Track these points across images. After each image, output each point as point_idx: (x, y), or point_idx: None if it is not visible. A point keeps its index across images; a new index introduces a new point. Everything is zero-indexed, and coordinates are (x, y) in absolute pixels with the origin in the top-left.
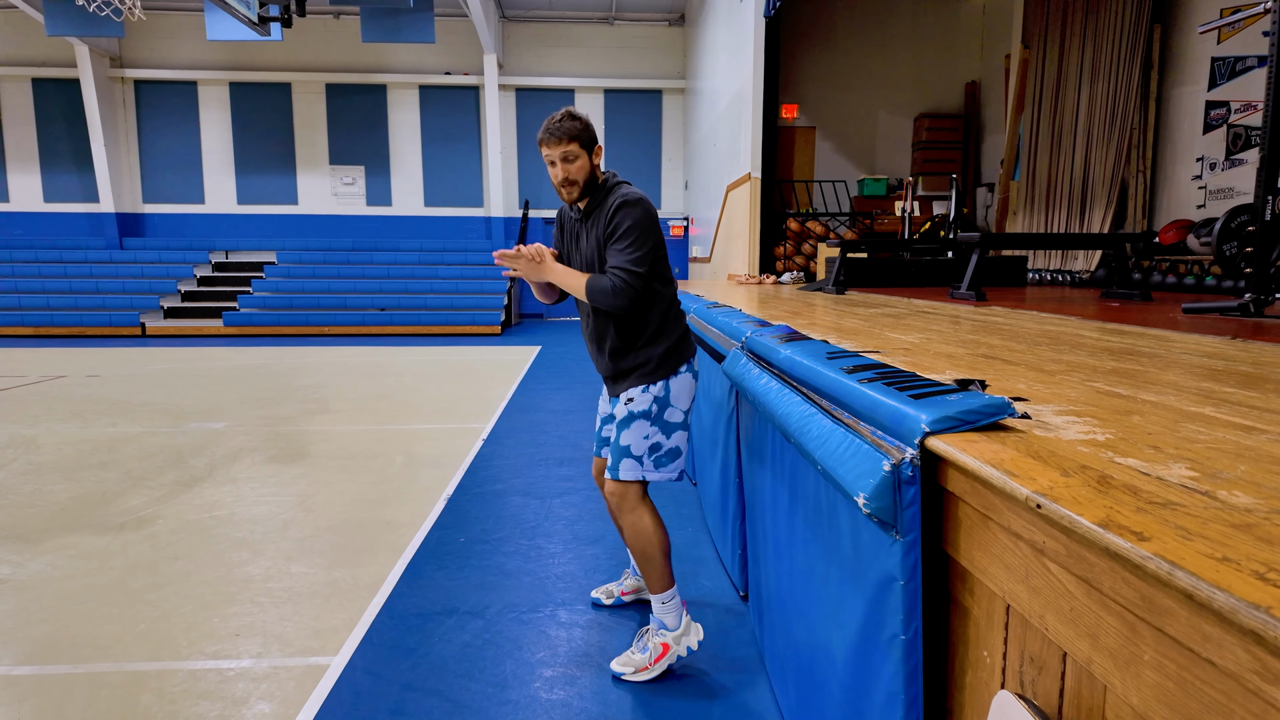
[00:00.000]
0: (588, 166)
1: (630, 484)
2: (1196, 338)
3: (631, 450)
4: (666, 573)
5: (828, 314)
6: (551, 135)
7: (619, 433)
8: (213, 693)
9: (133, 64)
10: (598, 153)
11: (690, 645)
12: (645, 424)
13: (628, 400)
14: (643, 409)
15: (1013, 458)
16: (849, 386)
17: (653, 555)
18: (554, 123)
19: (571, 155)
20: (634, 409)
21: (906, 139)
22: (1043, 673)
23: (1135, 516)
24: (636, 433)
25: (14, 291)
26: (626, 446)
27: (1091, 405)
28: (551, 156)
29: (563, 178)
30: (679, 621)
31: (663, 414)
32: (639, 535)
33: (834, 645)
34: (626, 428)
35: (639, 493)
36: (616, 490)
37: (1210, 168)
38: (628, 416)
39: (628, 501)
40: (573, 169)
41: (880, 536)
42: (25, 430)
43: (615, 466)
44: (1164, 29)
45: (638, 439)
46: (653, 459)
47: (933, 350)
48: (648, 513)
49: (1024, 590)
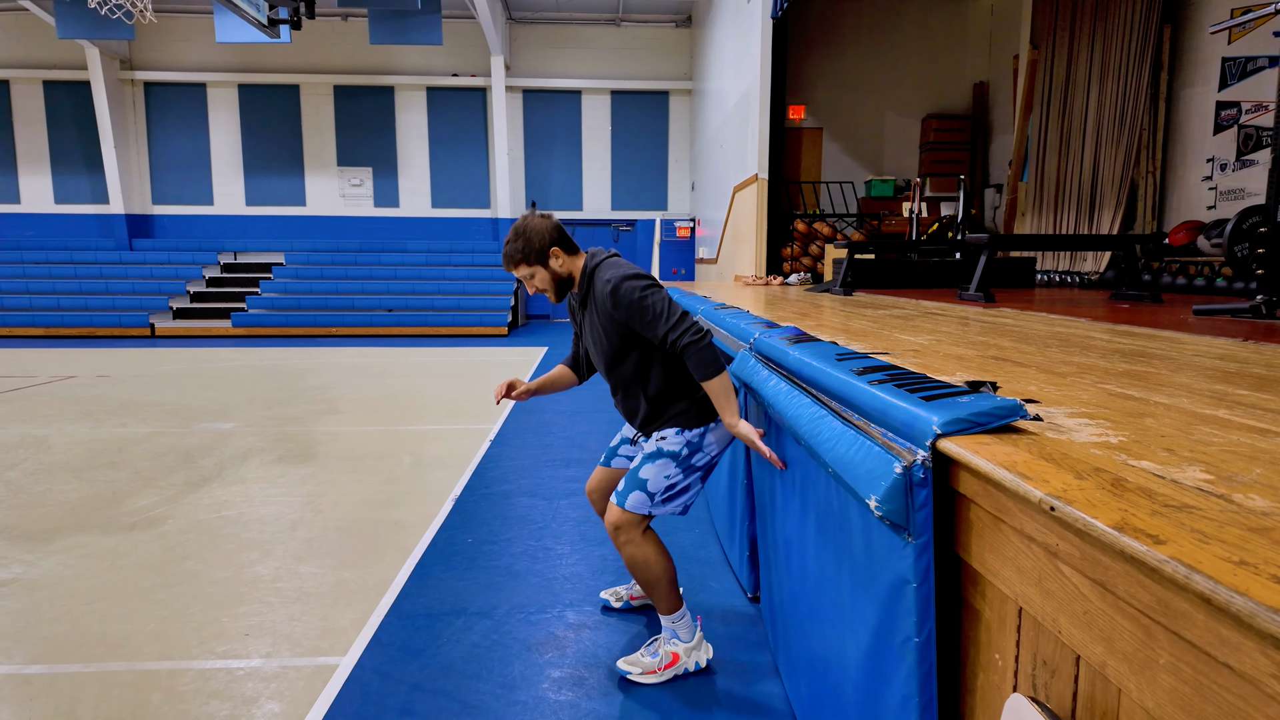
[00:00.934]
0: (548, 275)
1: (633, 516)
2: (1208, 339)
3: (647, 486)
4: (672, 596)
5: (835, 315)
6: (504, 261)
7: (642, 464)
8: (222, 692)
9: (143, 66)
10: (555, 255)
11: (699, 661)
12: (671, 464)
13: (660, 439)
14: (673, 449)
15: (1025, 460)
16: (859, 388)
17: (655, 582)
18: (504, 247)
19: (526, 274)
20: (665, 447)
21: (914, 140)
22: (1055, 676)
23: (1151, 520)
24: (659, 470)
25: (25, 292)
26: (644, 480)
27: (1104, 407)
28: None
29: (531, 293)
30: (692, 635)
31: (691, 458)
32: (639, 566)
33: (847, 648)
34: (651, 462)
35: (641, 524)
36: (619, 519)
37: (1221, 168)
38: (656, 452)
39: (629, 532)
40: (535, 283)
41: (892, 539)
42: (36, 430)
43: (624, 495)
44: (1174, 29)
45: (658, 476)
46: (663, 497)
47: (942, 352)
48: (649, 543)
49: (1037, 593)
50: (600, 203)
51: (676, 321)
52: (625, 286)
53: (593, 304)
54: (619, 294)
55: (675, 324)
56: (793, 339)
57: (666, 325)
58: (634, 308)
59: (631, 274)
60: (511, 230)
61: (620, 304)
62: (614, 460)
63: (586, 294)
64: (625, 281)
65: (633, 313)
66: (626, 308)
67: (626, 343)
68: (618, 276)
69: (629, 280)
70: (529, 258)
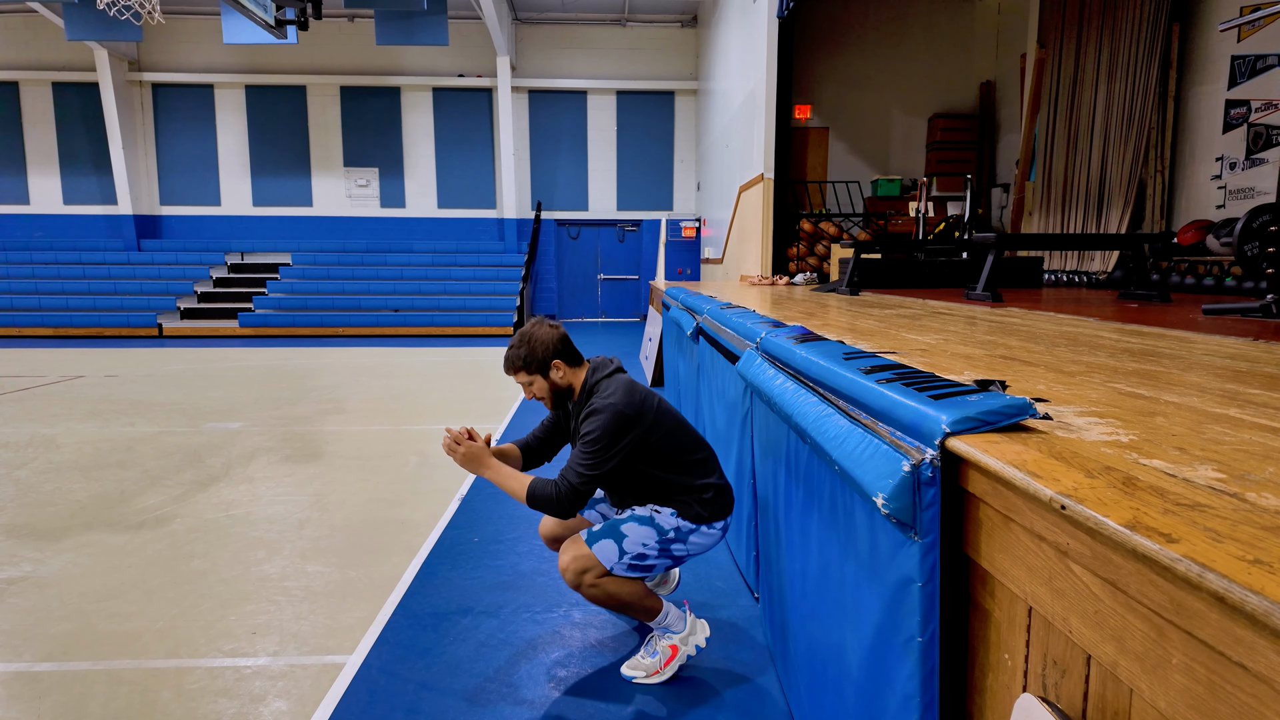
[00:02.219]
0: (546, 385)
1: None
2: (1218, 339)
3: (624, 544)
4: (648, 608)
5: (842, 315)
6: (505, 365)
7: (628, 520)
8: (230, 690)
9: (151, 68)
10: (556, 367)
11: (698, 643)
12: (654, 537)
13: (656, 510)
14: (663, 526)
15: (1035, 459)
16: (867, 387)
17: (627, 606)
18: (507, 352)
19: (525, 382)
20: (658, 519)
21: (921, 139)
22: (1066, 676)
23: (1163, 518)
24: (641, 535)
25: (34, 293)
26: (624, 536)
27: (1114, 406)
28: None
29: (529, 397)
30: (684, 624)
31: (672, 545)
32: (605, 602)
33: (848, 647)
34: (638, 524)
35: (599, 573)
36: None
37: (1230, 167)
38: (648, 518)
39: (589, 575)
40: (533, 390)
41: (898, 537)
42: (45, 430)
43: (597, 538)
44: (1183, 27)
45: (635, 540)
46: (630, 562)
47: (950, 351)
48: (610, 581)
49: (1047, 592)
50: (606, 203)
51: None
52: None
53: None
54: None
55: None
56: (799, 338)
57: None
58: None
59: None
60: (517, 335)
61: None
62: (586, 511)
63: (581, 408)
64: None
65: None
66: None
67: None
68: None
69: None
70: (529, 366)
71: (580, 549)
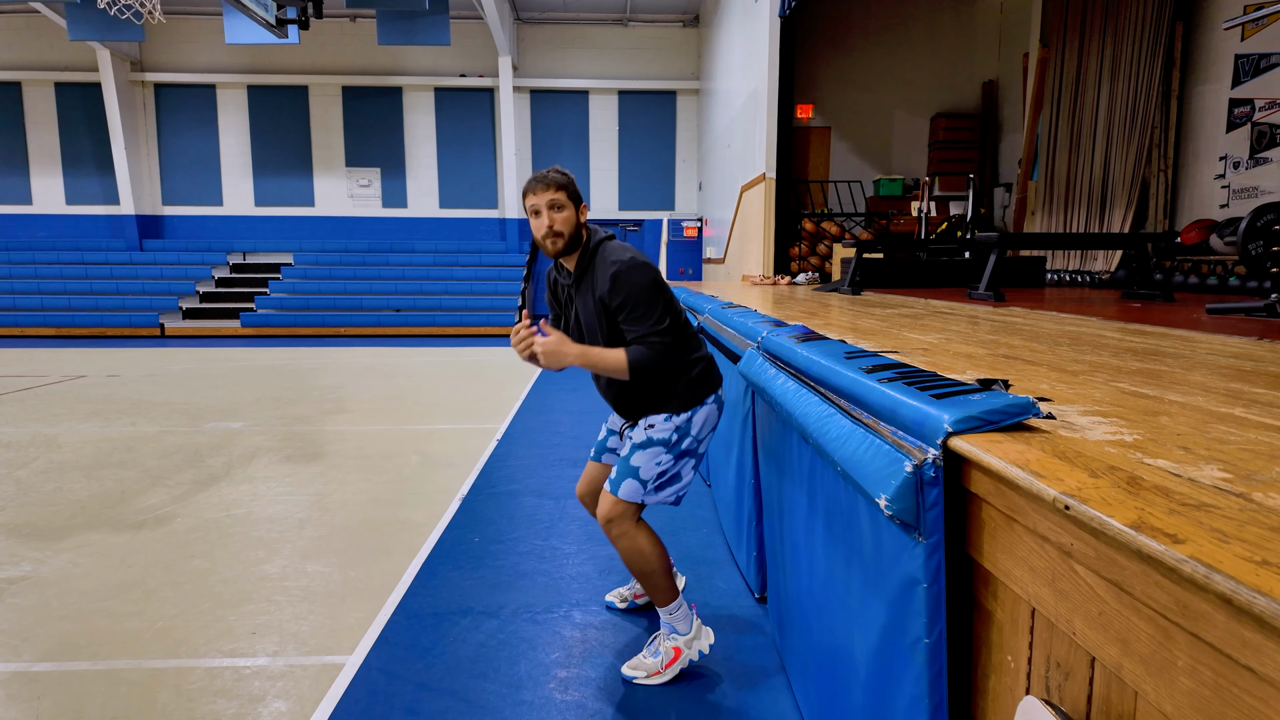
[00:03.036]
0: (574, 220)
1: (626, 506)
2: (1222, 338)
3: (640, 473)
4: (667, 587)
5: (844, 314)
6: (539, 183)
7: (632, 452)
8: (229, 690)
9: (153, 68)
10: (584, 211)
11: (702, 649)
12: (662, 451)
13: (649, 426)
14: (662, 437)
15: (1039, 458)
16: (869, 386)
17: (650, 573)
18: (543, 174)
19: (558, 204)
20: (654, 435)
21: (923, 139)
22: (1070, 678)
23: (1169, 519)
24: (649, 458)
25: (37, 293)
26: (636, 468)
27: (1117, 406)
28: (537, 205)
29: (547, 228)
30: (690, 626)
31: (681, 443)
32: (634, 556)
33: (855, 649)
34: (641, 450)
35: (634, 514)
36: (612, 509)
37: (1234, 166)
38: (646, 441)
39: (622, 523)
40: (559, 219)
41: (902, 538)
42: (47, 429)
43: (617, 483)
44: (1186, 26)
45: (649, 464)
46: (656, 484)
47: (952, 350)
48: (642, 533)
49: (1050, 594)
50: (608, 203)
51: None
52: (631, 275)
53: (590, 283)
54: (619, 279)
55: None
56: (801, 337)
57: (645, 324)
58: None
59: (642, 266)
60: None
61: (615, 288)
62: (604, 456)
63: (585, 271)
64: (634, 269)
65: (625, 302)
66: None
67: (617, 327)
68: (627, 260)
69: (636, 271)
70: (570, 191)
71: (607, 500)
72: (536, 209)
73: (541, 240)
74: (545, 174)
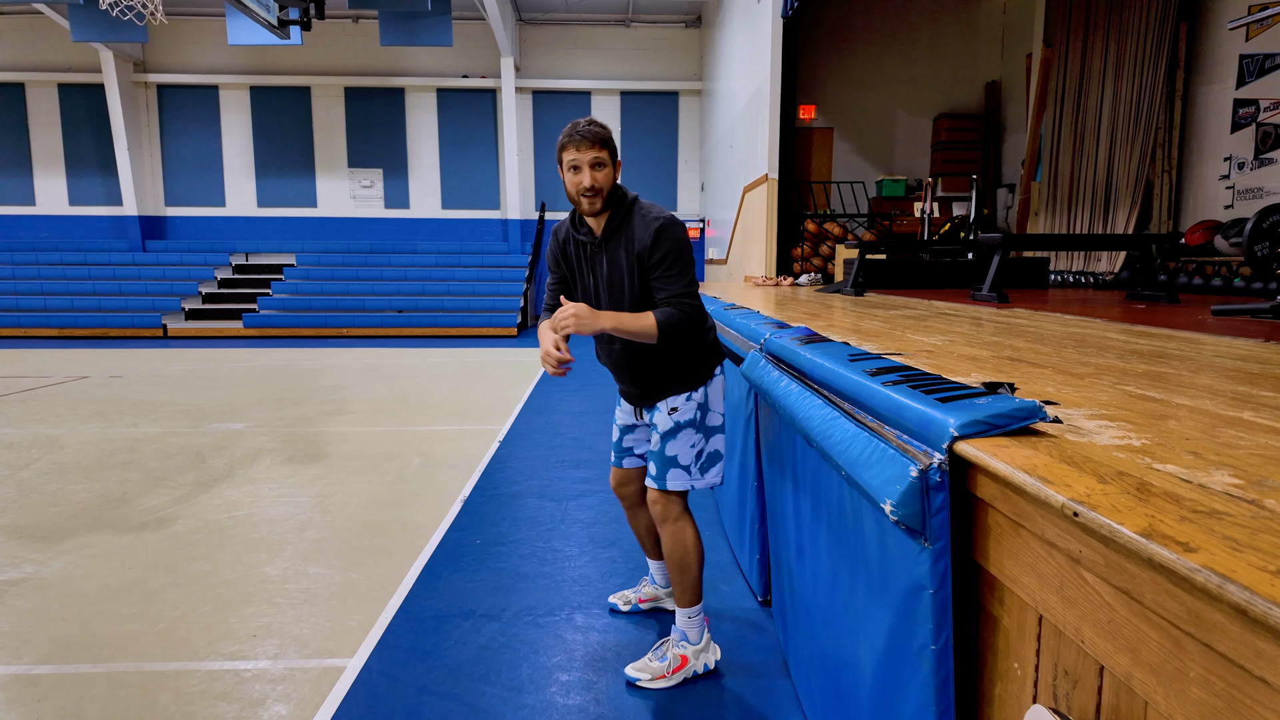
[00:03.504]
0: (613, 178)
1: (675, 494)
2: (1228, 340)
3: (679, 460)
4: (699, 587)
5: (847, 315)
6: (582, 138)
7: (664, 444)
8: (229, 694)
9: (156, 69)
10: (619, 167)
11: (708, 663)
12: (692, 433)
13: (671, 410)
14: (689, 418)
15: (1046, 463)
16: (873, 389)
17: (689, 567)
18: (582, 126)
19: (601, 162)
20: (680, 419)
21: (926, 140)
22: (1078, 686)
23: (1180, 526)
24: (684, 442)
25: (40, 293)
26: (673, 457)
27: (1124, 409)
28: (578, 161)
29: (589, 185)
30: (700, 637)
31: (705, 419)
32: (680, 546)
33: (861, 655)
34: (673, 438)
35: (683, 503)
36: (664, 504)
37: (1238, 167)
38: (674, 427)
39: (672, 512)
40: (600, 177)
41: (908, 544)
42: (49, 430)
43: (662, 477)
44: (1191, 26)
45: (685, 449)
46: (699, 466)
47: (956, 352)
48: (690, 524)
49: (1058, 601)
50: None
51: (687, 286)
52: (673, 231)
53: (625, 240)
54: (664, 233)
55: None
56: (804, 339)
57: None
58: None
59: (681, 225)
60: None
61: (657, 241)
62: (625, 459)
63: (618, 227)
64: (674, 226)
65: (664, 257)
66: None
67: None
68: (669, 217)
69: (677, 227)
70: (611, 148)
71: (655, 497)
72: (577, 165)
73: (576, 197)
74: (587, 128)
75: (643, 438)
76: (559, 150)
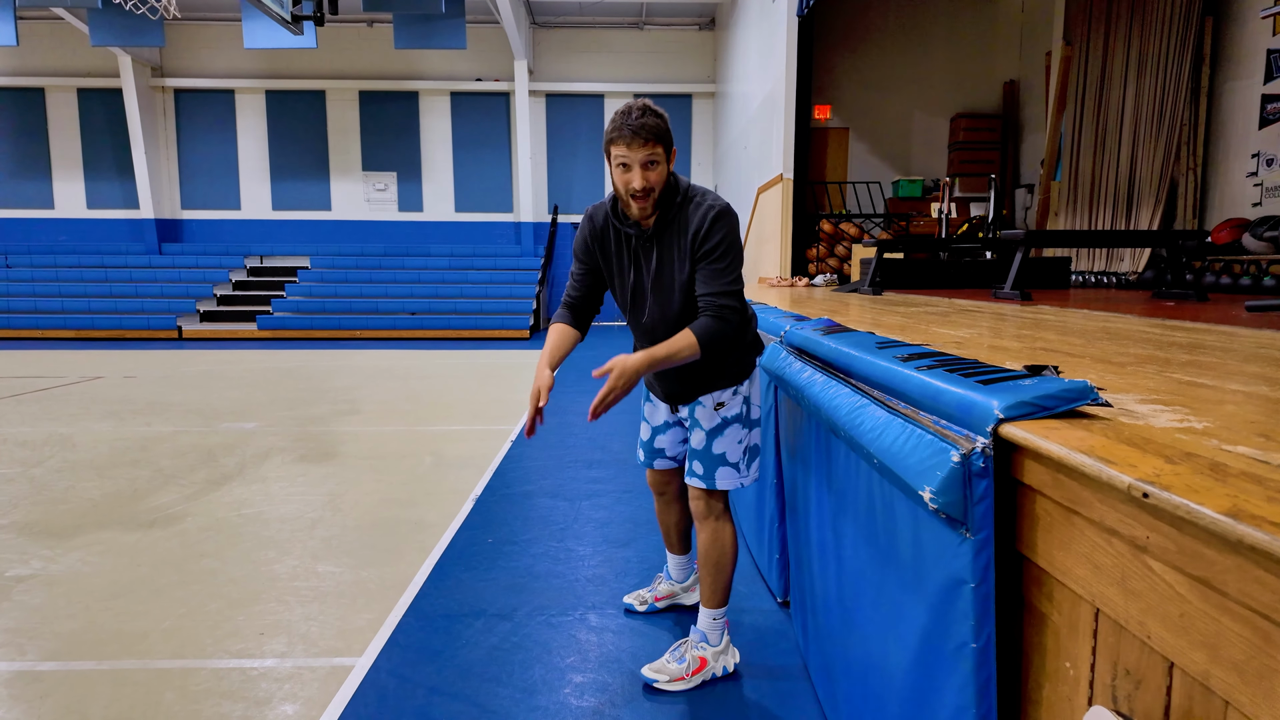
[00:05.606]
0: (667, 174)
1: (719, 492)
2: (1270, 333)
3: (728, 458)
4: (729, 588)
5: (866, 312)
6: (634, 135)
7: (710, 441)
8: (236, 693)
9: (173, 73)
10: (674, 156)
11: (727, 666)
12: (739, 428)
13: (718, 405)
14: (736, 412)
15: (1105, 444)
16: (906, 375)
17: (725, 567)
18: (634, 119)
19: (655, 159)
20: (728, 414)
21: (943, 140)
22: (1141, 687)
23: (1270, 506)
24: (732, 439)
25: (57, 295)
26: (722, 454)
27: (1176, 394)
28: (629, 159)
29: (640, 186)
30: (721, 639)
31: (750, 413)
32: (718, 545)
33: (890, 655)
34: (719, 435)
35: (725, 501)
36: (703, 497)
37: (1267, 164)
38: (722, 423)
39: (715, 509)
40: (653, 176)
41: (946, 535)
42: (62, 429)
43: (710, 476)
44: (1216, 20)
45: (733, 445)
46: (746, 462)
47: (986, 344)
48: (729, 524)
49: (1119, 594)
50: None
51: (735, 281)
52: (728, 221)
53: (677, 232)
54: (718, 222)
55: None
56: (826, 329)
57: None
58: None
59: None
60: (640, 103)
61: (710, 230)
62: (657, 461)
63: (671, 220)
64: (730, 215)
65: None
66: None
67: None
68: (724, 204)
69: (732, 217)
70: (667, 141)
71: (698, 494)
72: (626, 163)
73: (625, 197)
74: (639, 119)
75: (677, 437)
76: (606, 143)
